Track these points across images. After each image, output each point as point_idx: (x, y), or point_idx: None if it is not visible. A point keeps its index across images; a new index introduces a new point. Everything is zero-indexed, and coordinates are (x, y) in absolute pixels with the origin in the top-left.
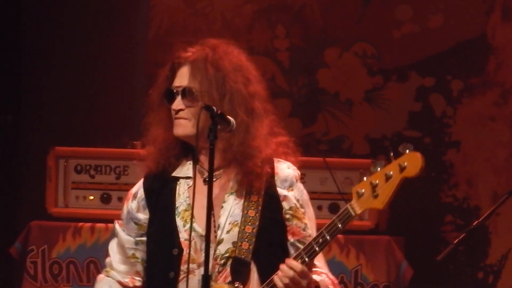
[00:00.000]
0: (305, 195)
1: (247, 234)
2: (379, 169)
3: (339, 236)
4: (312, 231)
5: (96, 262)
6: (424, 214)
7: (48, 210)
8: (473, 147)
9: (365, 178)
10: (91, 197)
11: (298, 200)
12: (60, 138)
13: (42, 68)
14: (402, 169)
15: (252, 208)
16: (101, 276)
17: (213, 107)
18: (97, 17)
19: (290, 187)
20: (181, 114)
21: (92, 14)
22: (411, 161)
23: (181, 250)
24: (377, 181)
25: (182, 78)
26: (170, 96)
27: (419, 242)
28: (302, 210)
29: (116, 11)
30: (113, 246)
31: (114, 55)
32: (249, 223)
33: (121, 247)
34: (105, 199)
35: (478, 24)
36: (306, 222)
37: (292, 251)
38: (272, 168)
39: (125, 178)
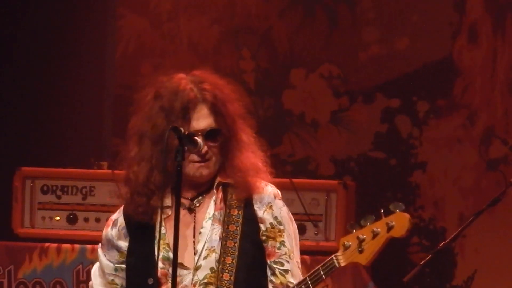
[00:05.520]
0: (284, 212)
1: (228, 265)
2: (368, 223)
3: (305, 257)
4: (291, 247)
5: (63, 283)
6: None
7: (14, 230)
8: (440, 168)
9: (354, 231)
10: (57, 218)
11: (276, 218)
12: (27, 158)
13: (7, 88)
14: (389, 228)
15: (231, 238)
16: None
17: (180, 128)
18: (64, 37)
19: (269, 206)
20: (207, 156)
21: (58, 35)
22: (399, 221)
23: (156, 280)
24: (364, 236)
25: (203, 120)
26: (194, 142)
27: (385, 263)
28: (281, 227)
29: (83, 32)
30: (95, 270)
31: (81, 76)
32: (229, 254)
33: (102, 271)
34: (71, 220)
35: (444, 46)
36: (283, 240)
37: (269, 273)
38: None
39: (91, 199)
